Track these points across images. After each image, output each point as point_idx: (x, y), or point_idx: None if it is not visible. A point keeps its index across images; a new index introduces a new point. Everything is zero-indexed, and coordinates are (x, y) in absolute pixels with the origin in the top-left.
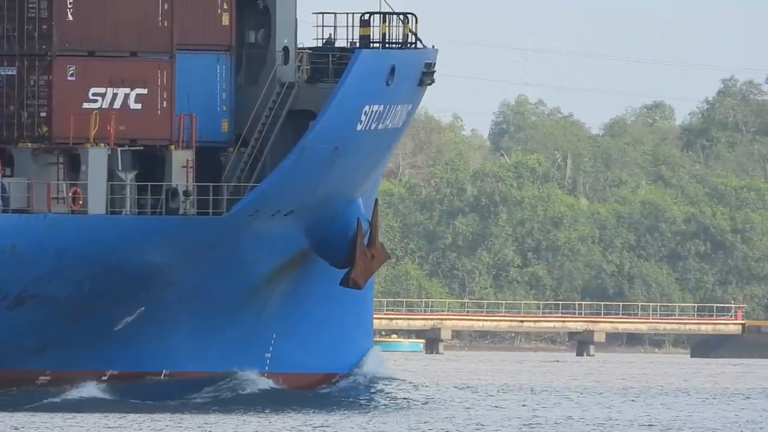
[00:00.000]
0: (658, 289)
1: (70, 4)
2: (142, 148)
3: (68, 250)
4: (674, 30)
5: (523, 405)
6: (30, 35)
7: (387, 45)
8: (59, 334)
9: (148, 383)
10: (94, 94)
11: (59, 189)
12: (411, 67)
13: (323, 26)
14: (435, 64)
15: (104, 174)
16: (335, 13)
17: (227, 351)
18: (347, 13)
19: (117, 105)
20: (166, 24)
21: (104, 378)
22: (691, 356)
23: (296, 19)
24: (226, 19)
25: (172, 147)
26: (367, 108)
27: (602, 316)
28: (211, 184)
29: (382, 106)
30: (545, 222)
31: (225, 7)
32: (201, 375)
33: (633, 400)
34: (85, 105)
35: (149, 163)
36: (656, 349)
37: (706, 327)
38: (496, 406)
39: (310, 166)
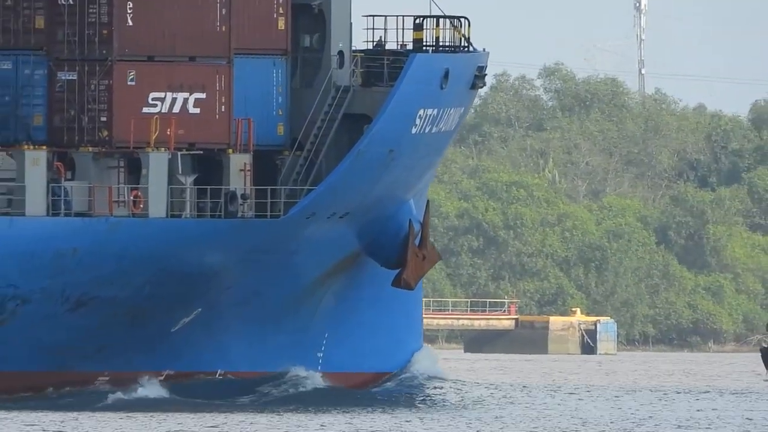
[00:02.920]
0: (430, 285)
1: (130, 9)
2: (201, 152)
3: (129, 253)
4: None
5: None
6: (90, 40)
7: (440, 49)
8: (118, 335)
9: (203, 383)
10: (153, 99)
11: (120, 193)
12: (464, 70)
13: (373, 29)
14: (486, 67)
15: (165, 178)
16: (385, 16)
17: (281, 351)
18: (397, 16)
19: (176, 109)
20: (223, 29)
21: (161, 378)
22: (465, 351)
23: (351, 23)
24: (282, 24)
25: (230, 151)
26: (421, 111)
27: None
28: (269, 187)
29: (436, 109)
30: None
31: (281, 11)
32: (255, 375)
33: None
34: (145, 109)
35: (207, 166)
36: (430, 345)
37: (480, 322)
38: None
39: (366, 170)
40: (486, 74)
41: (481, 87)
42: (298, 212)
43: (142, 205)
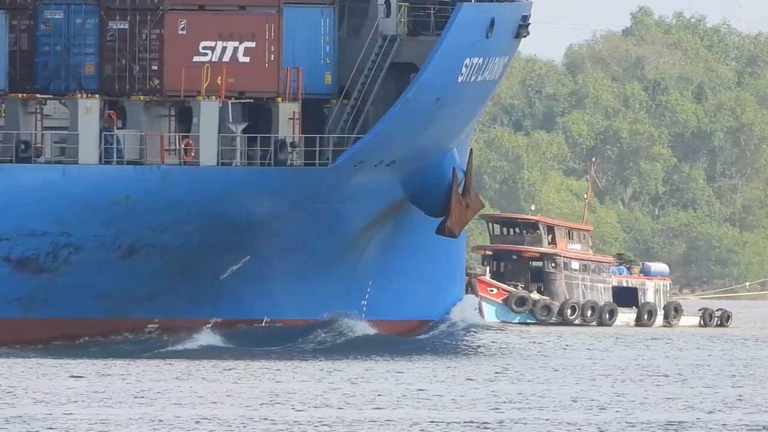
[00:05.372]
0: None
1: None
2: (251, 100)
3: (180, 200)
4: None
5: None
6: None
7: None
8: (168, 283)
9: (250, 330)
10: (204, 48)
11: (171, 141)
12: (509, 19)
13: None
14: (530, 16)
15: (215, 126)
16: None
17: (325, 299)
18: None
19: (226, 58)
20: None
21: (209, 326)
22: None
23: None
24: None
25: (279, 99)
26: (467, 60)
27: None
28: (317, 135)
29: (481, 58)
30: None
31: None
32: (300, 322)
33: None
34: (196, 58)
35: (257, 115)
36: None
37: None
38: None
39: (413, 118)
40: (530, 23)
41: (525, 36)
42: (347, 160)
43: (192, 153)
